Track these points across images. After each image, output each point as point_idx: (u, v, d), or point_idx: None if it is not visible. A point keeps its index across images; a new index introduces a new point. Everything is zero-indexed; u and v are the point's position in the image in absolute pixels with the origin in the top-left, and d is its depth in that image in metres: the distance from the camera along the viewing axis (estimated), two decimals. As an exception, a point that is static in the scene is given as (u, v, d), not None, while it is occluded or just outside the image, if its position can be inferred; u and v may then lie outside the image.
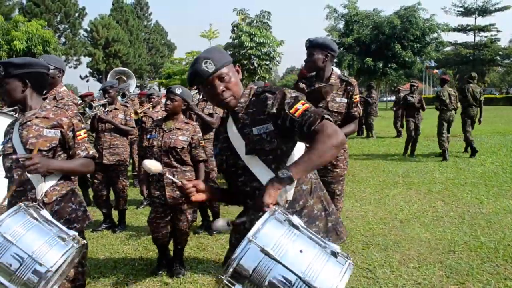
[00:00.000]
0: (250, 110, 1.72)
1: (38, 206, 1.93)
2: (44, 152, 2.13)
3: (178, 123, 3.57)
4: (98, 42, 41.03)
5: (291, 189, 1.66)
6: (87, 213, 2.34)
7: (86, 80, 44.73)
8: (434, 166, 8.09)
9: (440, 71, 41.76)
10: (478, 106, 8.78)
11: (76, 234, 1.87)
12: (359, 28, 24.23)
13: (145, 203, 5.96)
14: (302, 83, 3.22)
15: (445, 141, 8.69)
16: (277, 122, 1.64)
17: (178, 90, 3.54)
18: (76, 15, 40.39)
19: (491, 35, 39.79)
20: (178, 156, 3.47)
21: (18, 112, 3.71)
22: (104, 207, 5.05)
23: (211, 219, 4.86)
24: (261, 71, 19.94)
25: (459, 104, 8.85)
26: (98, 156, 4.83)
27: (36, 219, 1.82)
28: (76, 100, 3.86)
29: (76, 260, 1.94)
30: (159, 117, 5.30)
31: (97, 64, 41.07)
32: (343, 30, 25.75)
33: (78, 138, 2.21)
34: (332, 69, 3.15)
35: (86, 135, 2.28)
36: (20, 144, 2.12)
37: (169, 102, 3.52)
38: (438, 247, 3.99)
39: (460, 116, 8.93)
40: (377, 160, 9.12)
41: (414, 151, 9.51)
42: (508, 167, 7.63)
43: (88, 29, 42.07)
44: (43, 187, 2.10)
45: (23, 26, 16.92)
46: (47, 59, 3.45)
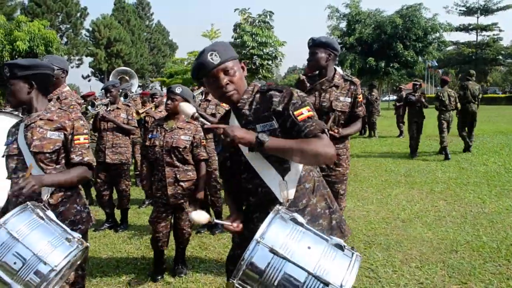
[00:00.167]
0: (254, 107, 1.72)
1: (44, 207, 1.94)
2: (47, 154, 2.13)
3: (180, 122, 3.57)
4: (100, 42, 41.09)
5: (292, 188, 1.66)
6: (91, 214, 2.36)
7: (88, 80, 44.84)
8: (436, 166, 8.07)
9: (441, 71, 41.69)
10: (477, 103, 8.98)
11: (80, 237, 1.87)
12: (361, 28, 24.16)
13: (147, 202, 5.97)
14: (303, 83, 3.23)
15: (445, 138, 8.79)
16: (280, 121, 1.65)
17: (178, 90, 3.54)
18: (78, 15, 40.43)
19: (493, 35, 39.74)
20: (180, 155, 3.47)
21: (23, 112, 3.71)
22: (106, 206, 5.07)
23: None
24: (263, 71, 19.95)
25: (458, 105, 8.95)
26: (100, 155, 4.93)
27: (42, 218, 1.82)
28: (79, 100, 3.86)
29: (78, 262, 1.94)
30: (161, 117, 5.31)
31: (99, 64, 41.12)
32: (345, 29, 25.69)
33: (76, 142, 2.18)
34: (335, 68, 3.15)
35: (86, 141, 2.22)
36: (25, 145, 2.12)
37: (169, 101, 3.53)
38: (440, 246, 3.98)
39: (460, 114, 9.10)
40: (379, 160, 9.11)
41: (416, 150, 9.46)
42: (511, 167, 7.61)
43: (90, 29, 42.14)
44: (49, 189, 2.10)
45: (26, 26, 16.91)
46: (50, 59, 3.45)
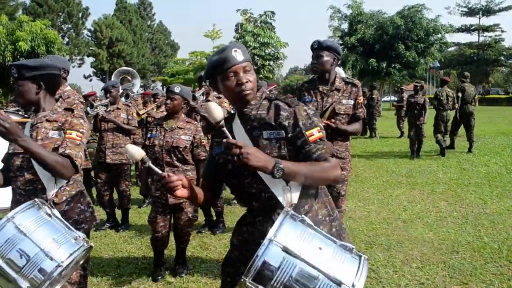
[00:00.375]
0: (261, 113, 1.72)
1: (50, 206, 1.94)
2: None
3: (180, 122, 3.57)
4: (102, 42, 41.16)
5: (296, 193, 1.66)
6: (94, 213, 2.36)
7: (90, 80, 44.98)
8: (437, 166, 8.06)
9: (443, 71, 41.61)
10: (474, 104, 9.30)
11: (85, 236, 1.87)
12: (363, 29, 24.14)
13: (147, 201, 5.98)
14: (303, 89, 3.22)
15: (441, 138, 8.99)
16: (288, 134, 1.66)
17: (177, 89, 3.54)
18: (80, 15, 40.52)
19: (495, 35, 39.63)
20: (180, 155, 3.47)
21: (26, 111, 3.71)
22: (107, 206, 5.08)
23: (214, 218, 4.88)
24: (264, 71, 19.99)
25: (456, 105, 9.08)
26: (101, 155, 4.93)
27: (50, 216, 1.83)
28: (81, 99, 3.87)
29: (81, 261, 1.95)
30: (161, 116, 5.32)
31: (100, 64, 41.19)
32: (346, 30, 25.67)
33: (66, 135, 2.13)
34: (335, 72, 3.15)
35: (79, 138, 2.14)
36: None
37: (169, 101, 3.52)
38: (441, 247, 3.98)
39: (458, 115, 9.27)
40: (380, 160, 9.11)
41: (419, 152, 9.29)
42: (512, 168, 7.60)
43: (92, 29, 42.23)
44: (54, 187, 2.10)
45: (28, 26, 16.91)
46: (52, 59, 3.46)
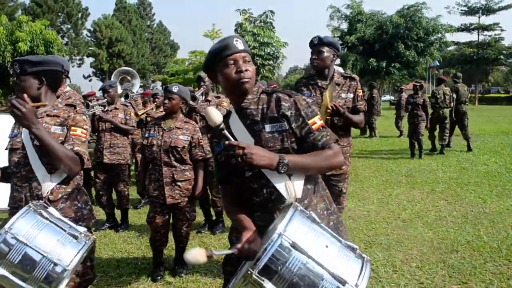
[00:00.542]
0: (260, 107, 1.72)
1: (45, 204, 1.93)
2: None
3: (178, 122, 3.56)
4: (101, 42, 41.09)
5: (299, 186, 1.66)
6: (93, 211, 2.34)
7: (89, 80, 44.88)
8: (437, 166, 8.06)
9: (442, 71, 41.57)
10: (467, 104, 9.60)
11: (86, 230, 1.88)
12: (363, 28, 24.12)
13: (143, 201, 5.98)
14: (301, 84, 3.21)
15: (434, 136, 9.35)
16: (291, 125, 1.67)
17: (175, 88, 3.53)
18: (79, 15, 40.45)
19: (495, 34, 39.57)
20: (178, 155, 3.46)
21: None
22: (106, 206, 5.08)
23: (214, 218, 4.87)
24: (264, 71, 19.98)
25: (452, 104, 9.23)
26: (99, 155, 4.92)
27: (47, 218, 1.81)
28: (81, 100, 3.88)
29: (86, 254, 1.94)
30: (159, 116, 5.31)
31: (100, 64, 41.13)
32: (346, 30, 25.66)
33: (71, 133, 2.15)
34: (334, 68, 3.15)
35: (84, 135, 2.18)
36: (29, 140, 2.11)
37: (167, 101, 3.51)
38: (441, 246, 3.98)
39: (453, 115, 9.48)
40: (380, 160, 9.11)
41: (421, 152, 9.01)
42: (512, 167, 7.60)
43: (92, 29, 42.15)
44: (49, 184, 2.09)
45: (27, 26, 16.88)
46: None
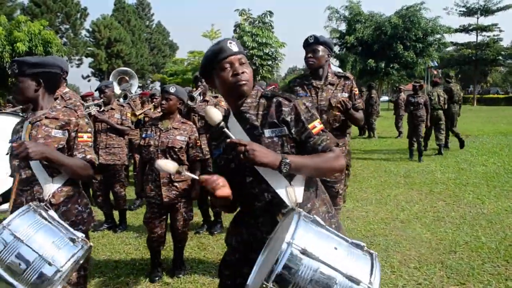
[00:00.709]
0: (260, 112, 1.70)
1: (46, 207, 1.92)
2: None
3: (175, 122, 3.56)
4: (100, 42, 41.05)
5: (300, 190, 1.65)
6: (92, 214, 2.34)
7: (88, 80, 44.79)
8: (435, 167, 8.07)
9: (441, 71, 41.60)
10: (459, 104, 9.84)
11: (84, 236, 1.86)
12: (362, 29, 24.13)
13: (137, 203, 5.96)
14: (295, 84, 3.20)
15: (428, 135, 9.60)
16: (291, 130, 1.66)
17: (172, 89, 3.53)
18: (78, 15, 40.39)
19: (494, 35, 39.60)
20: (176, 155, 3.46)
21: (24, 111, 3.71)
22: (104, 207, 5.06)
23: (213, 219, 4.87)
24: (263, 71, 19.97)
25: (446, 106, 9.37)
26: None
27: (46, 219, 1.81)
28: (81, 100, 3.88)
29: (81, 261, 1.94)
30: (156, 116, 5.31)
31: (99, 64, 41.07)
32: (344, 31, 25.66)
33: (79, 139, 2.17)
34: (331, 67, 3.16)
35: (90, 139, 2.21)
36: None
37: (164, 101, 3.51)
38: (439, 247, 3.98)
39: (447, 115, 9.59)
40: (378, 160, 9.11)
41: (421, 154, 8.79)
42: (510, 167, 7.61)
43: (90, 29, 42.11)
44: (51, 188, 2.08)
45: (25, 26, 16.83)
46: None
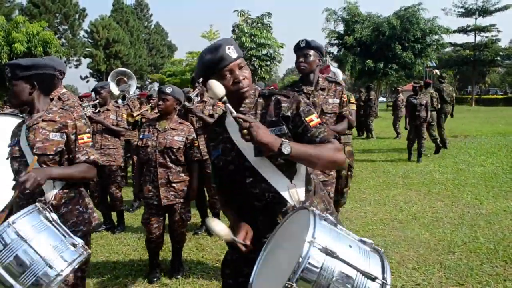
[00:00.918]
0: (259, 111, 1.69)
1: (49, 210, 1.92)
2: (50, 156, 2.11)
3: (173, 123, 3.55)
4: (98, 43, 41.01)
5: (301, 188, 1.65)
6: (93, 215, 2.33)
7: (87, 81, 44.75)
8: (434, 167, 8.08)
9: (439, 71, 41.68)
10: (451, 103, 10.03)
11: (83, 243, 1.86)
12: (360, 30, 24.17)
13: (135, 205, 5.94)
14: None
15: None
16: (288, 126, 1.64)
17: (169, 89, 3.53)
18: (76, 16, 40.37)
19: (492, 36, 39.68)
20: (173, 156, 3.45)
21: (22, 112, 3.69)
22: (101, 208, 5.03)
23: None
24: (261, 72, 19.98)
25: (439, 106, 9.59)
26: None
27: (50, 221, 1.80)
28: (79, 101, 3.87)
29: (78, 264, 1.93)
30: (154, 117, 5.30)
31: (97, 65, 41.03)
32: (342, 32, 25.69)
33: (80, 141, 2.16)
34: (321, 73, 3.17)
35: (90, 140, 2.21)
36: (27, 147, 2.10)
37: (161, 102, 3.51)
38: (438, 248, 3.99)
39: (439, 115, 9.79)
40: (377, 161, 9.12)
41: (420, 155, 8.75)
42: (508, 168, 7.62)
43: (89, 30, 42.06)
44: (53, 190, 2.08)
45: (24, 27, 16.82)
46: (47, 60, 3.45)
